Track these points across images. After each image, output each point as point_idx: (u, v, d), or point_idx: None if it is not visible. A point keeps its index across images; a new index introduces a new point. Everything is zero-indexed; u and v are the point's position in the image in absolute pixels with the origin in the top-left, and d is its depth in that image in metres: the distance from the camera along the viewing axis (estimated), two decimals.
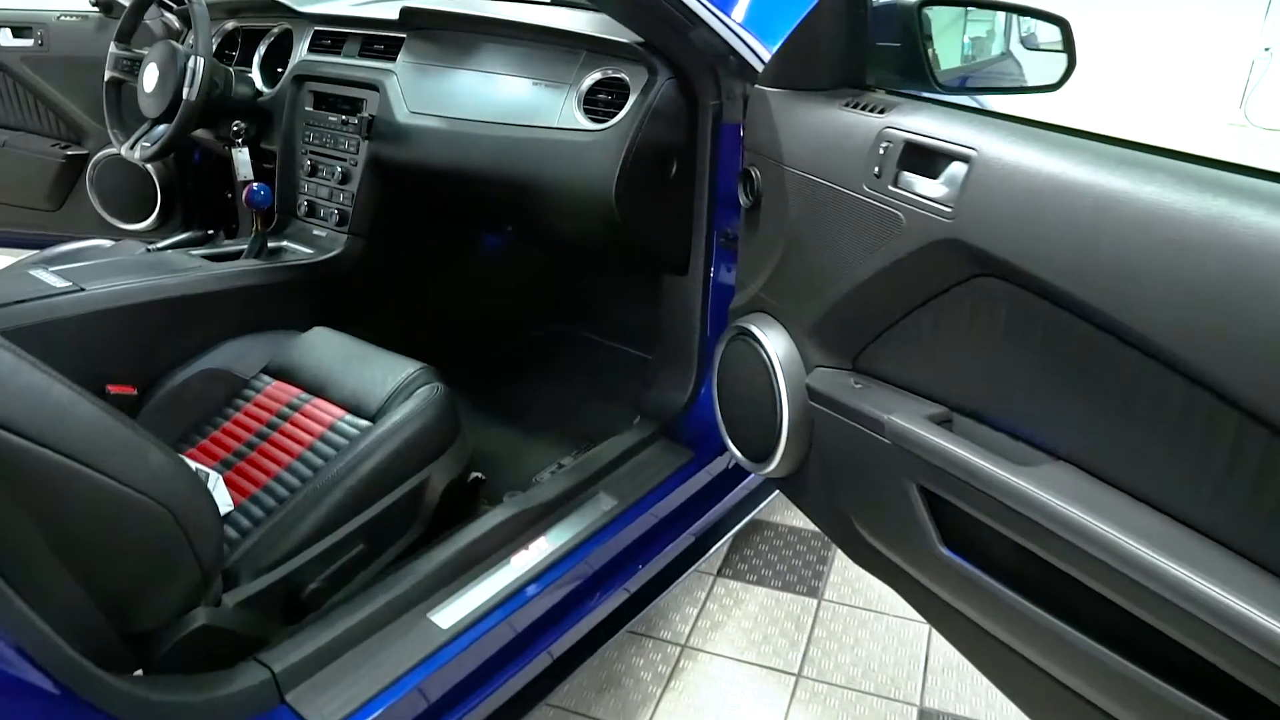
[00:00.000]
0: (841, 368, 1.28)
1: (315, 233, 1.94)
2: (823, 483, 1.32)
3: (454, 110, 1.69)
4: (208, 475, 1.38)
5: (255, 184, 1.77)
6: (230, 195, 2.46)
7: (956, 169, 1.03)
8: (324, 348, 1.60)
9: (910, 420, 1.08)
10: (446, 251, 2.09)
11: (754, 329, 1.39)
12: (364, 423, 1.44)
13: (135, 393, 1.54)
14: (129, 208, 2.55)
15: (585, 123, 1.54)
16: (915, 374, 1.16)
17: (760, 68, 1.51)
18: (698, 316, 1.70)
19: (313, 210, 1.96)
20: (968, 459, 0.99)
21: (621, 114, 1.50)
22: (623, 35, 1.53)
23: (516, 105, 1.62)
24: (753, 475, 1.83)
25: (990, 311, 1.01)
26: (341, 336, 1.63)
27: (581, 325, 2.29)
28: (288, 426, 1.48)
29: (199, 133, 2.10)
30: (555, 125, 1.56)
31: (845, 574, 1.93)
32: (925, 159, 1.08)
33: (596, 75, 1.55)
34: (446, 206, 1.99)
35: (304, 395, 1.53)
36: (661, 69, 1.49)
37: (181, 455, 1.44)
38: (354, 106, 1.87)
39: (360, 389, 1.49)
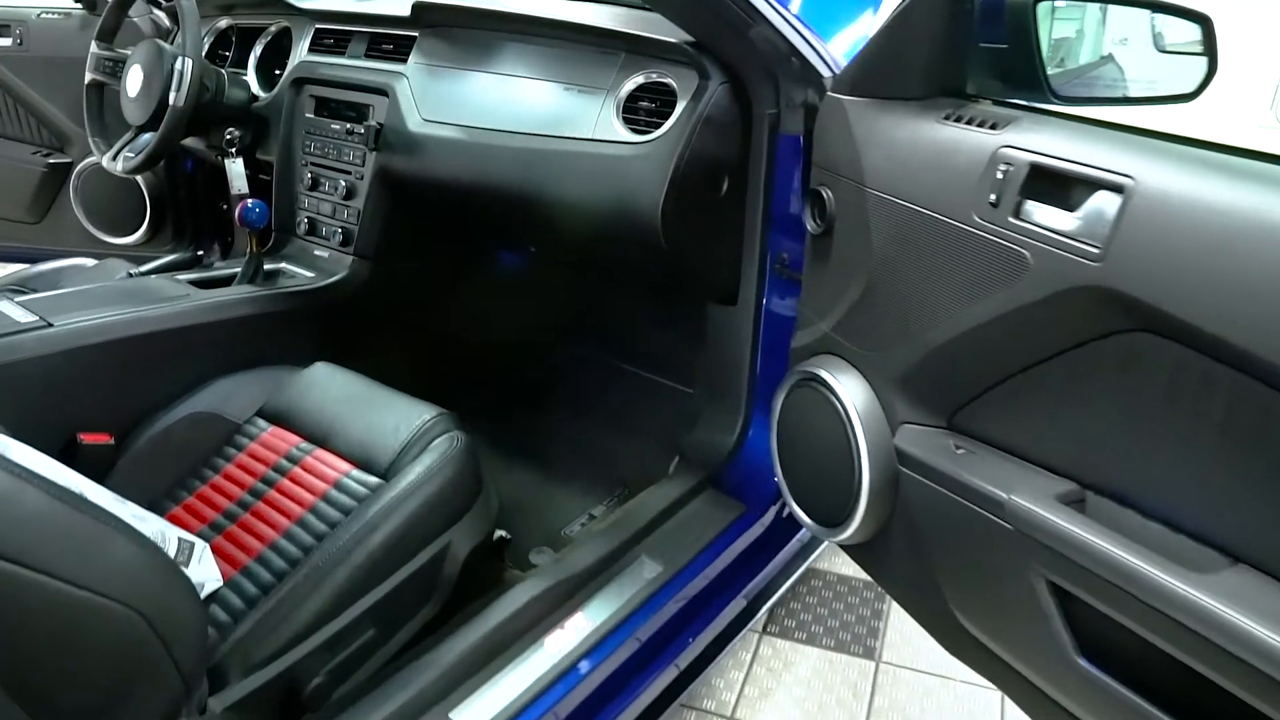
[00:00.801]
0: (934, 425, 1.09)
1: (316, 253, 1.75)
2: (910, 557, 1.14)
3: (473, 118, 1.50)
4: (192, 546, 1.19)
5: (249, 200, 1.58)
6: (225, 207, 2.28)
7: (1104, 201, 0.84)
8: (327, 388, 1.42)
9: (1040, 502, 0.89)
10: (460, 272, 1.90)
11: (825, 375, 1.21)
12: (374, 480, 1.25)
13: (111, 441, 1.35)
14: (116, 220, 2.36)
15: (625, 134, 1.35)
16: (1034, 441, 0.97)
17: (825, 72, 1.32)
18: (747, 352, 1.51)
19: (313, 228, 1.77)
20: (1124, 560, 0.80)
21: (668, 124, 1.31)
22: (668, 33, 1.34)
23: (545, 113, 1.43)
24: (819, 546, 1.65)
25: (1146, 374, 0.83)
26: (346, 374, 1.44)
27: (606, 349, 2.10)
28: (286, 483, 1.29)
29: (189, 141, 1.91)
30: (590, 136, 1.37)
31: (904, 630, 1.74)
32: (1057, 186, 0.89)
33: (639, 79, 1.36)
34: (462, 224, 1.81)
35: (305, 445, 1.34)
36: (714, 72, 1.30)
37: (163, 517, 1.26)
38: (359, 113, 1.69)
39: (369, 438, 1.30)
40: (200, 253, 1.82)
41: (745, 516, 1.50)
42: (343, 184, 1.69)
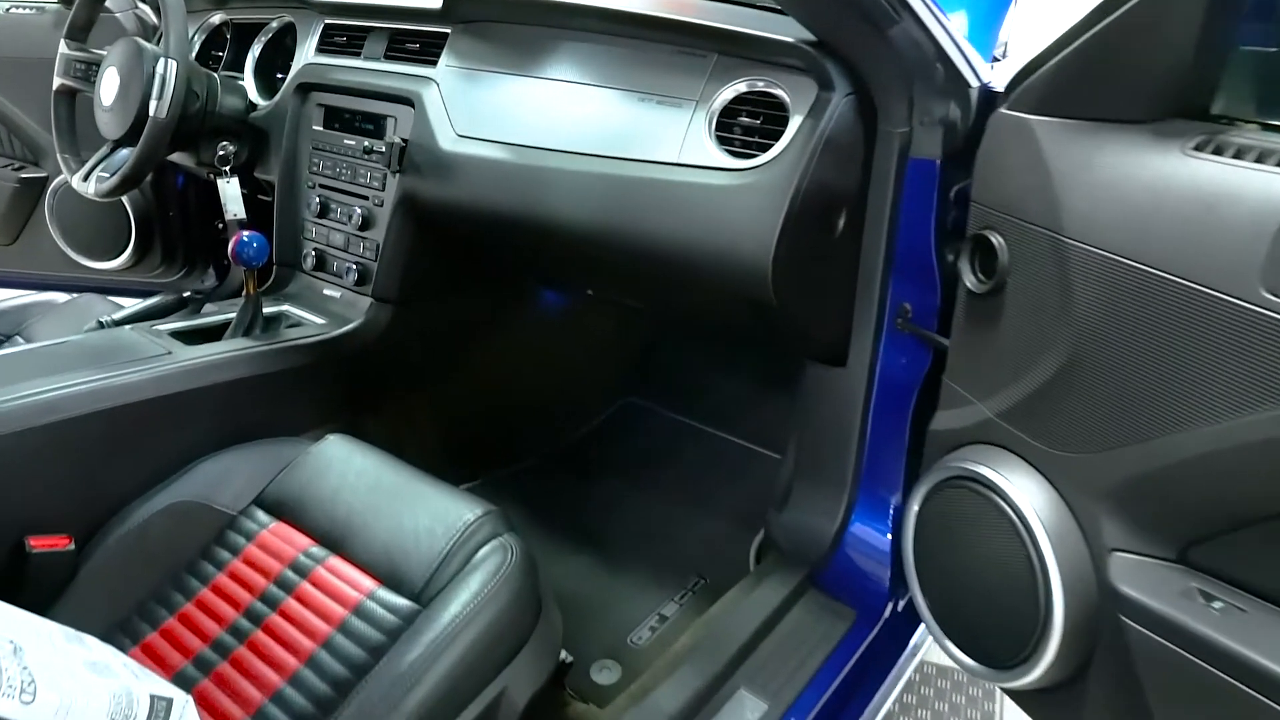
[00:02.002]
0: (1160, 557, 0.81)
1: (326, 293, 1.47)
2: None
3: (520, 135, 1.22)
4: (169, 704, 0.91)
5: (245, 233, 1.29)
6: (221, 226, 2.00)
7: None
8: (343, 470, 1.14)
9: None
10: (497, 317, 1.61)
11: (992, 475, 0.93)
12: (406, 604, 0.97)
13: (71, 545, 1.07)
14: (97, 242, 2.09)
15: (722, 158, 1.07)
16: None
17: (972, 81, 1.04)
18: (857, 423, 1.23)
19: (322, 263, 1.48)
20: None
21: (780, 146, 1.03)
22: (778, 30, 1.05)
23: (615, 130, 1.14)
24: (924, 630, 1.36)
25: None
26: (366, 451, 1.16)
27: (663, 400, 1.81)
28: (293, 605, 1.01)
29: (175, 158, 1.63)
30: (675, 160, 1.08)
31: None
32: None
33: (740, 87, 1.08)
34: (502, 261, 1.51)
35: (316, 550, 1.06)
36: (840, 81, 1.02)
37: (136, 646, 0.99)
38: (378, 127, 1.40)
39: (398, 544, 1.02)
40: (186, 295, 1.53)
41: (857, 626, 1.22)
42: (358, 211, 1.41)
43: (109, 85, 1.47)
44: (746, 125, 1.07)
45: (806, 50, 1.02)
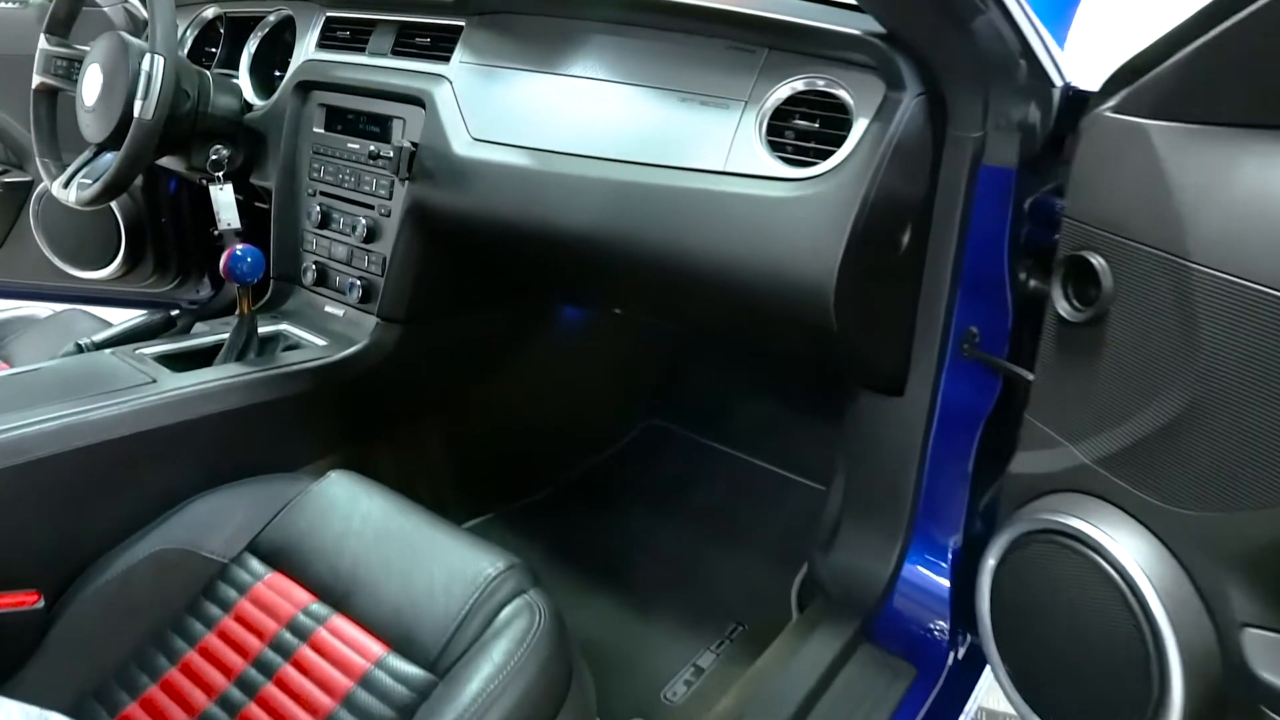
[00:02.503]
0: None
1: (328, 310, 1.34)
2: None
3: (543, 139, 1.10)
4: None
5: (239, 247, 1.17)
6: (216, 233, 1.87)
7: None
8: (347, 513, 1.02)
9: None
10: (512, 335, 1.48)
11: (1092, 531, 0.81)
12: (420, 674, 0.86)
13: (40, 603, 0.96)
14: (85, 250, 1.97)
15: (776, 165, 0.95)
16: None
17: (1056, 80, 0.92)
18: (915, 459, 1.11)
19: (324, 278, 1.36)
20: None
21: (843, 152, 0.91)
22: (838, 21, 0.93)
23: (652, 134, 1.02)
24: (986, 679, 1.24)
25: None
26: (372, 490, 1.04)
27: (688, 423, 1.69)
28: (290, 672, 0.89)
29: (165, 163, 1.51)
30: (722, 169, 0.96)
31: None
32: None
33: (796, 85, 0.96)
34: (520, 276, 1.39)
35: (317, 606, 0.94)
36: (911, 79, 0.90)
37: None
38: (385, 129, 1.29)
39: (410, 603, 0.91)
40: (174, 314, 1.41)
41: (918, 684, 1.10)
42: (362, 222, 1.29)
43: (91, 84, 1.35)
44: (802, 129, 0.95)
45: (875, 44, 0.90)
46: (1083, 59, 1.03)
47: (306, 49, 1.42)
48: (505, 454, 1.47)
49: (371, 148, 1.23)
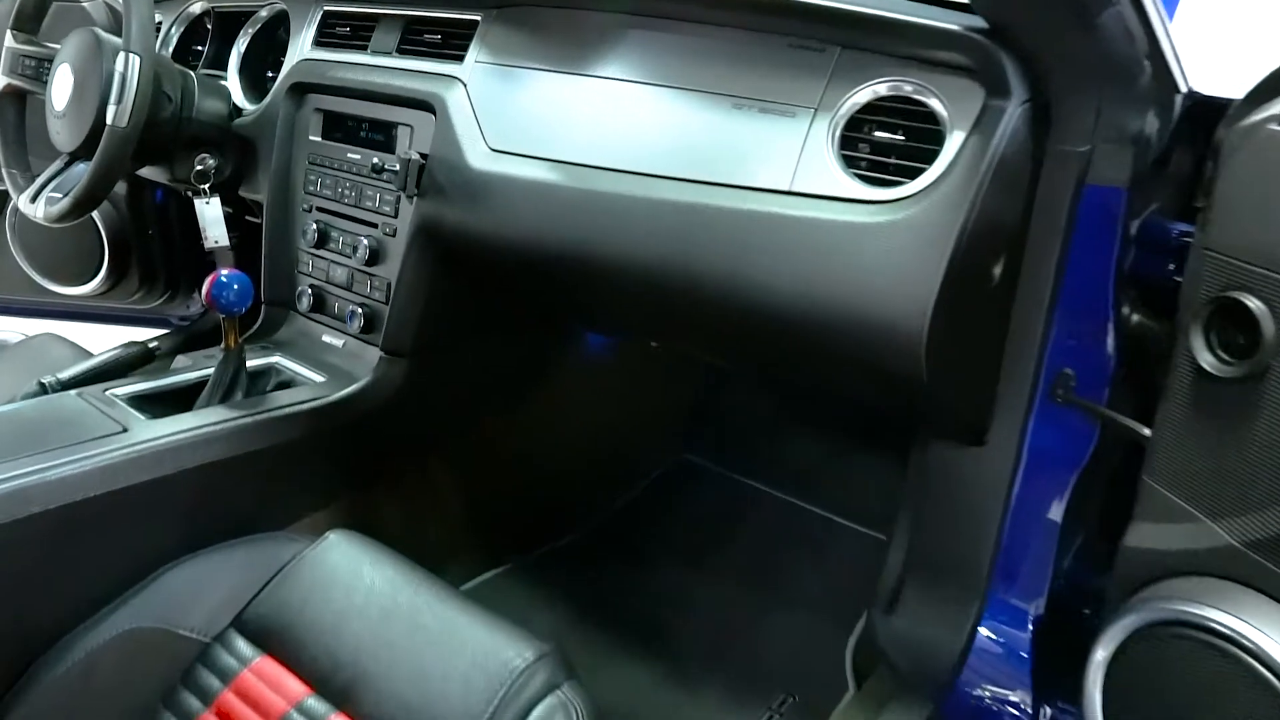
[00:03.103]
0: None
1: (326, 340, 1.20)
2: None
3: (573, 150, 0.96)
4: None
5: (224, 272, 1.02)
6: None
7: None
8: (349, 585, 0.88)
9: None
10: (531, 366, 1.33)
11: (1244, 629, 0.67)
12: None
13: None
14: (66, 264, 1.84)
15: (852, 184, 0.80)
16: None
17: (1182, 85, 0.78)
18: (997, 514, 0.97)
19: (321, 304, 1.22)
20: None
21: (935, 170, 0.77)
22: (928, 15, 0.78)
23: (702, 147, 0.88)
24: None
25: None
26: (379, 557, 0.91)
27: (722, 458, 1.54)
28: None
29: (146, 173, 1.37)
30: (788, 188, 0.82)
31: None
32: None
33: (873, 91, 0.81)
34: (544, 304, 1.24)
35: (314, 702, 0.81)
36: (1017, 85, 0.75)
37: None
38: (389, 138, 1.14)
39: (424, 701, 0.78)
40: (152, 345, 1.26)
41: None
42: (364, 243, 1.14)
43: (62, 86, 1.21)
44: (880, 143, 0.80)
45: (977, 43, 0.75)
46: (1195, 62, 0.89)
47: (301, 47, 1.27)
48: (523, 497, 1.33)
49: (375, 159, 1.08)
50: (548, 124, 0.99)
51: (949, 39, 0.77)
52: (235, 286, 1.04)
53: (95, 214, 1.76)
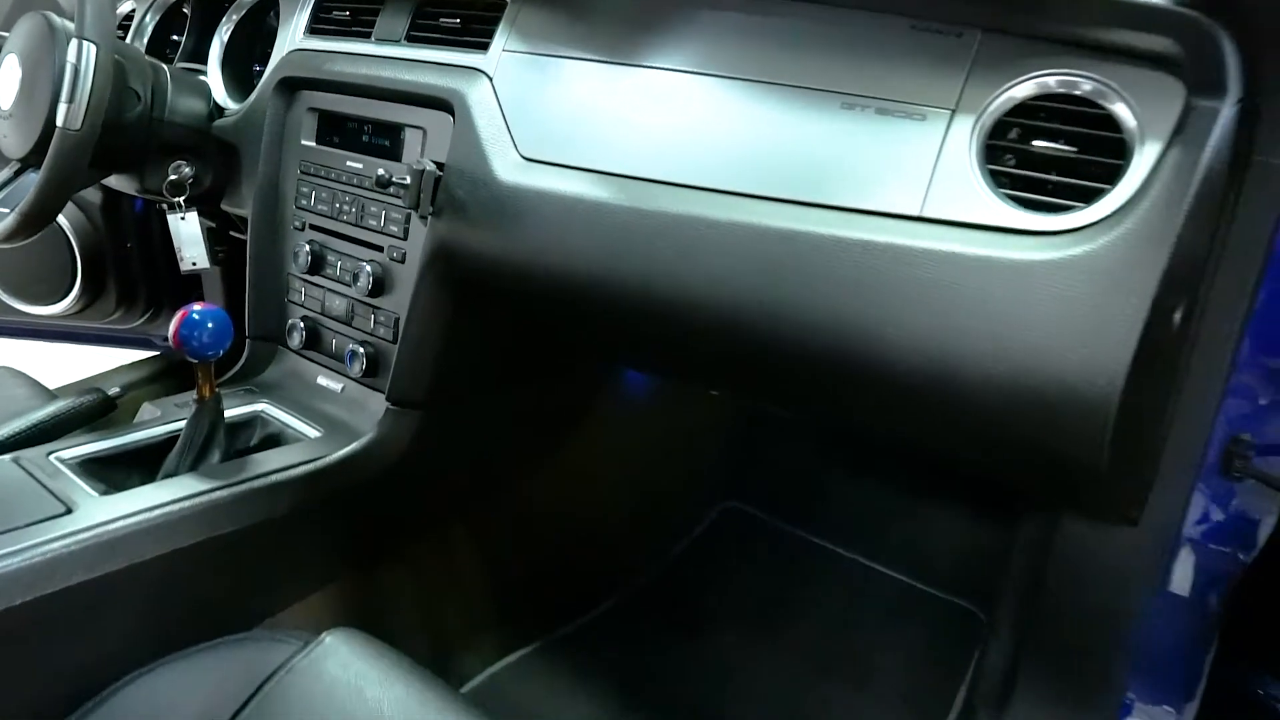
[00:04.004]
0: None
1: (322, 383, 1.02)
2: None
3: (627, 160, 0.78)
4: None
5: (196, 308, 0.84)
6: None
7: None
8: (349, 707, 0.69)
9: None
10: (563, 411, 1.15)
11: None
12: None
13: None
14: (35, 282, 1.67)
15: (1006, 210, 0.62)
16: None
17: None
18: (1139, 602, 0.79)
19: (316, 340, 1.04)
20: None
21: (1123, 193, 0.60)
22: None
23: (799, 158, 0.70)
24: None
25: None
26: (388, 667, 0.73)
27: (774, 507, 1.35)
28: None
29: (113, 183, 1.20)
30: (918, 213, 0.64)
31: None
32: None
33: (1047, 82, 0.62)
34: (583, 341, 1.05)
35: None
36: (1234, 80, 0.56)
37: None
38: (397, 143, 0.95)
39: None
40: (115, 391, 1.08)
41: None
42: (366, 270, 0.96)
43: (8, 80, 1.03)
44: (1036, 154, 0.62)
45: (1190, 21, 0.56)
46: None
47: (293, 35, 1.09)
48: (554, 561, 1.14)
49: (380, 170, 0.89)
50: (595, 127, 0.80)
51: (1148, 17, 0.58)
52: (210, 325, 0.85)
53: (66, 226, 1.59)
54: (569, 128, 0.82)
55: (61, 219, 1.56)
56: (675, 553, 1.29)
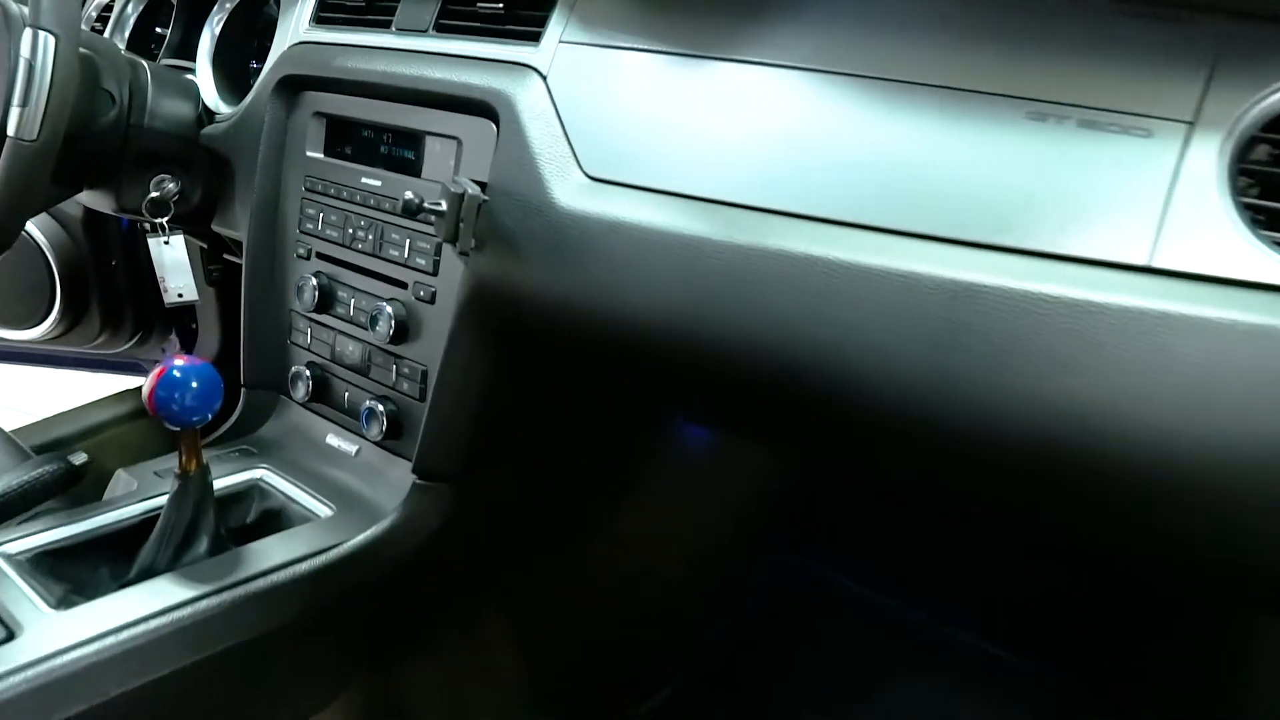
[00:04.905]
0: None
1: (332, 443, 0.86)
2: None
3: (733, 183, 0.62)
4: None
5: (177, 364, 0.68)
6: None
7: None
8: None
9: None
10: (617, 469, 0.97)
11: None
12: None
13: None
14: (8, 305, 1.52)
15: (1271, 259, 0.44)
16: None
17: None
18: None
19: (325, 391, 0.88)
20: None
21: None
22: None
23: (979, 185, 0.53)
24: None
25: None
26: None
27: (844, 563, 1.17)
28: None
29: (86, 200, 1.04)
30: (1146, 263, 0.48)
31: None
32: None
33: None
34: (649, 393, 0.89)
35: None
36: None
37: None
38: (420, 155, 0.78)
39: None
40: (81, 459, 0.91)
41: None
42: (387, 311, 0.79)
43: None
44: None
45: None
46: None
47: (296, 25, 0.92)
48: (603, 643, 0.97)
49: (408, 194, 0.72)
50: (682, 138, 0.64)
51: None
52: (193, 385, 0.68)
53: (43, 242, 1.44)
54: (647, 139, 0.65)
55: (38, 234, 1.42)
56: (737, 624, 1.12)
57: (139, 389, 1.63)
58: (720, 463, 1.10)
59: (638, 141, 0.66)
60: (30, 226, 1.40)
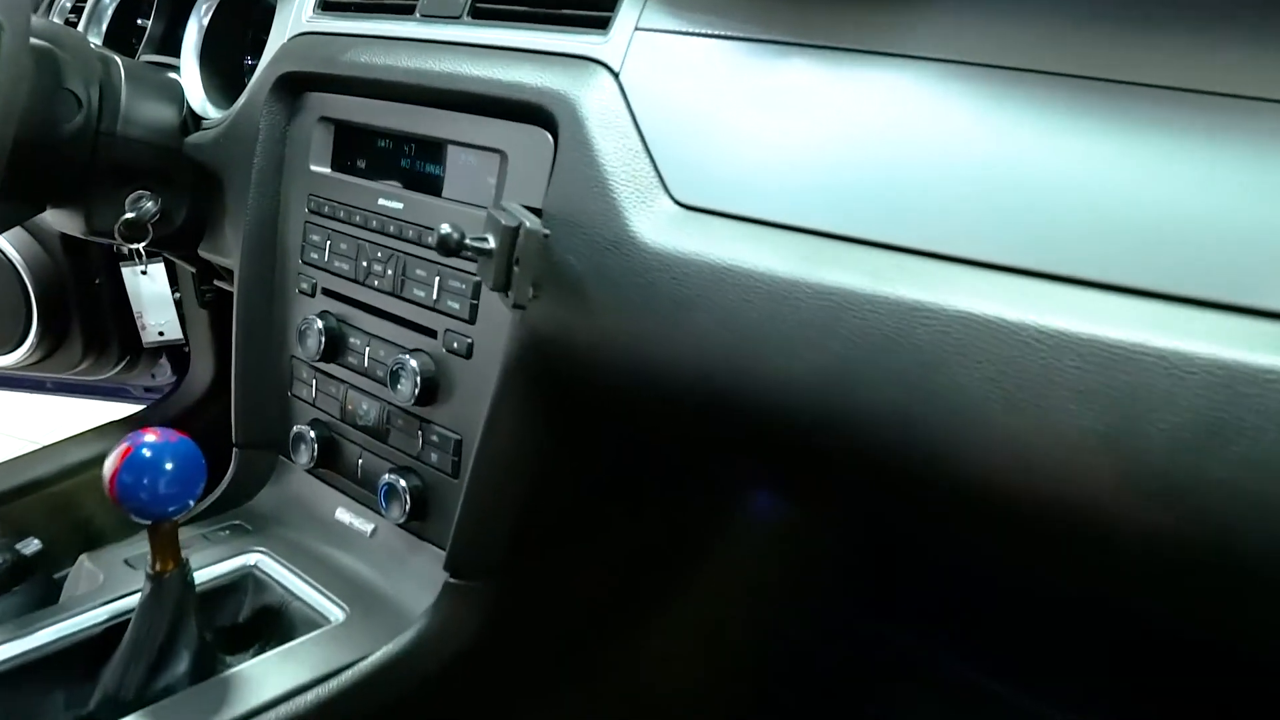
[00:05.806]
0: None
1: (341, 519, 0.71)
2: None
3: (866, 215, 0.47)
4: None
5: (148, 438, 0.53)
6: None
7: None
8: None
9: None
10: (681, 542, 0.82)
11: None
12: None
13: None
14: None
15: None
16: None
17: None
18: None
19: (332, 455, 0.73)
20: None
21: None
22: None
23: (1207, 226, 0.38)
24: None
25: None
26: None
27: (931, 637, 1.02)
28: None
29: (51, 220, 0.90)
30: None
31: None
32: None
33: None
34: (740, 469, 0.74)
35: None
36: None
37: None
38: (446, 172, 0.63)
39: None
40: (34, 548, 0.75)
41: None
42: (411, 365, 0.65)
43: None
44: None
45: None
46: None
47: (298, 12, 0.78)
48: None
49: (446, 227, 0.57)
50: (804, 156, 0.48)
51: None
52: (168, 466, 0.54)
53: (18, 261, 1.32)
54: (756, 156, 0.51)
55: (11, 252, 1.30)
56: (815, 703, 0.96)
57: (126, 420, 1.51)
58: (790, 528, 0.95)
59: (743, 158, 0.51)
60: (2, 243, 1.28)
